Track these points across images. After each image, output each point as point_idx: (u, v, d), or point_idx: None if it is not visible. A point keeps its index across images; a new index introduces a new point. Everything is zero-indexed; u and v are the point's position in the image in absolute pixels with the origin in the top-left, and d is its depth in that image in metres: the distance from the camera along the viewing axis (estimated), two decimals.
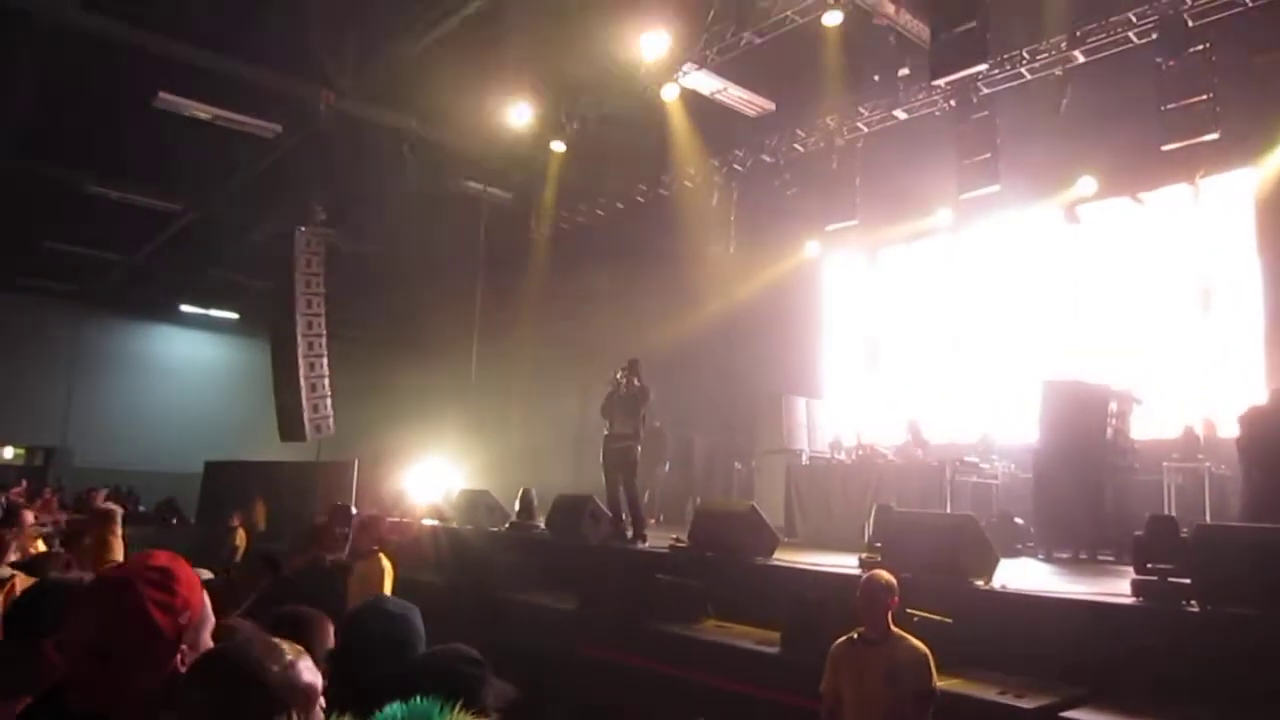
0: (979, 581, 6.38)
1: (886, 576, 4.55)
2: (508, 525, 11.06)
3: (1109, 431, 9.32)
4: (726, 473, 14.80)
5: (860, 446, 12.01)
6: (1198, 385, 11.38)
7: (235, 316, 23.79)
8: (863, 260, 15.45)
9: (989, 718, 4.97)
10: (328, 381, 16.55)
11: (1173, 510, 8.91)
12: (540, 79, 13.35)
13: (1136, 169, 11.61)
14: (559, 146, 14.15)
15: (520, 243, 16.51)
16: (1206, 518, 8.79)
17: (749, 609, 7.27)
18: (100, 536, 4.17)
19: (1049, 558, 9.08)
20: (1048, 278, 13.19)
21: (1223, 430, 9.89)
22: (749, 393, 15.16)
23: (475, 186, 15.87)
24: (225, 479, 16.44)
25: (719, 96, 12.67)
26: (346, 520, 2.69)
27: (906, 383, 14.33)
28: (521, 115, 13.63)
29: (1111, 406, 9.41)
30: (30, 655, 2.14)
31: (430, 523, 11.47)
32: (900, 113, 12.38)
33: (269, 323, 17.69)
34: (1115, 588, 6.18)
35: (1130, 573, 5.85)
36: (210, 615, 1.79)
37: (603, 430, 9.66)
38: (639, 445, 9.48)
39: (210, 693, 1.49)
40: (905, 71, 11.89)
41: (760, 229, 14.77)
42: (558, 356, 16.97)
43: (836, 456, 12.40)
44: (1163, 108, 9.46)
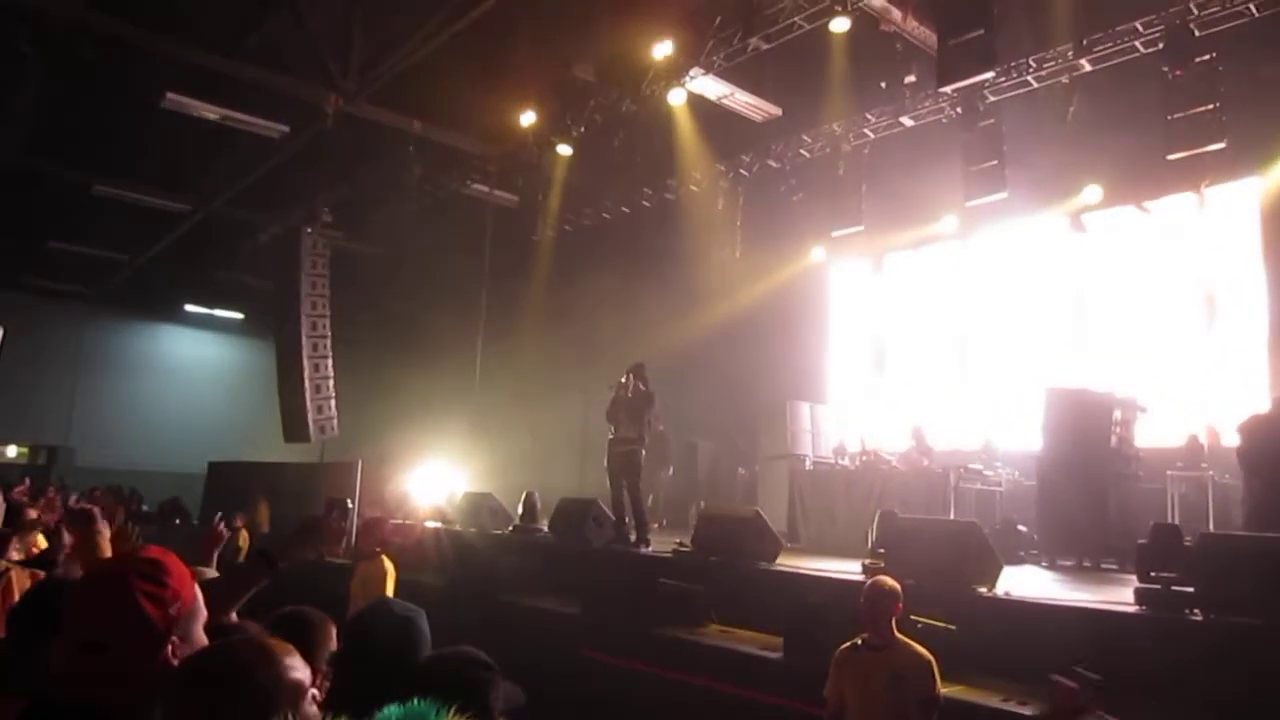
0: (982, 588, 6.38)
1: (891, 582, 4.55)
2: (511, 528, 11.05)
3: (1113, 439, 9.32)
4: (730, 477, 14.80)
5: (864, 452, 12.01)
6: (1202, 393, 11.37)
7: (240, 317, 23.82)
8: (868, 266, 15.45)
9: None
10: (332, 382, 16.58)
11: (1176, 519, 8.89)
12: (546, 83, 13.38)
13: (1142, 177, 11.61)
14: (565, 150, 14.16)
15: (525, 246, 16.51)
16: (1210, 526, 8.79)
17: (752, 614, 7.27)
18: (85, 539, 4.12)
19: (1052, 565, 9.07)
20: (1053, 285, 13.18)
21: (1227, 439, 9.86)
22: (753, 398, 15.15)
23: (481, 189, 15.88)
24: (229, 479, 16.45)
25: (725, 102, 12.68)
26: (344, 514, 2.70)
27: (911, 389, 14.32)
28: (527, 119, 13.65)
29: (1115, 414, 9.40)
30: (32, 654, 2.15)
31: (433, 525, 11.47)
32: (907, 119, 12.40)
33: (274, 323, 17.72)
34: (1119, 596, 6.18)
35: (1134, 581, 5.85)
36: (202, 608, 1.81)
37: (607, 434, 9.67)
38: (644, 449, 9.49)
39: (199, 694, 1.50)
40: (912, 78, 11.90)
41: (766, 234, 14.78)
42: (562, 360, 16.99)
43: (840, 462, 12.39)
44: (1169, 117, 9.47)
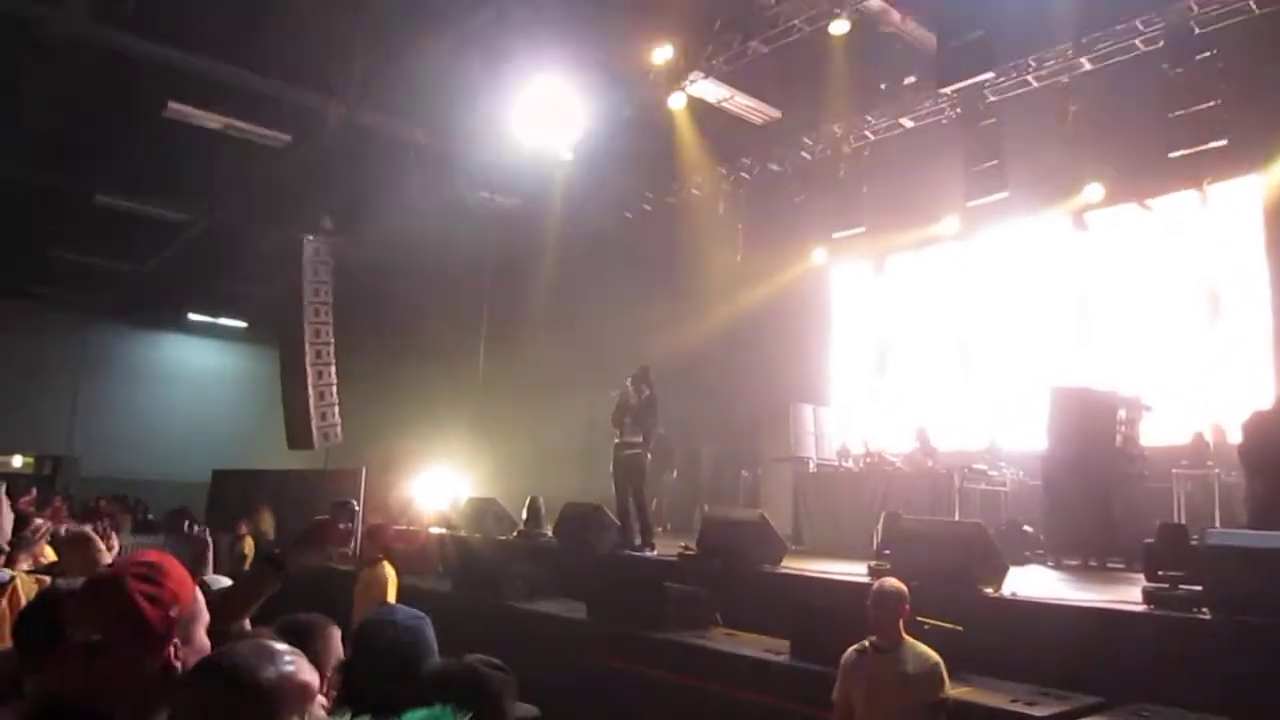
0: (988, 589, 6.36)
1: (897, 584, 4.54)
2: (515, 533, 11.05)
3: (1118, 438, 9.30)
4: (734, 480, 14.77)
5: (868, 454, 11.99)
6: (1207, 391, 11.33)
7: (243, 325, 23.86)
8: (870, 268, 15.42)
9: None
10: (335, 389, 16.61)
11: (1183, 518, 8.87)
12: (548, 88, 13.39)
13: (1144, 175, 11.57)
14: (567, 155, 14.18)
15: (528, 251, 16.55)
16: (1217, 525, 8.75)
17: (757, 617, 7.26)
18: (84, 560, 4.11)
19: (1058, 565, 9.05)
20: (1055, 284, 13.14)
21: (1232, 437, 9.81)
22: (756, 400, 15.13)
23: (483, 195, 15.91)
24: (233, 487, 16.46)
25: (726, 105, 12.70)
26: (350, 515, 2.70)
27: (914, 390, 14.29)
28: (530, 124, 13.67)
29: (1120, 413, 9.39)
30: (35, 660, 2.15)
31: (438, 531, 11.47)
32: (907, 120, 12.42)
33: (277, 331, 17.75)
34: (1126, 595, 6.16)
35: (1141, 580, 5.83)
36: (204, 611, 1.81)
37: (612, 438, 9.67)
38: (649, 453, 9.48)
39: (208, 696, 1.51)
40: (912, 79, 11.92)
41: (767, 237, 14.78)
42: (565, 364, 16.97)
43: (844, 464, 12.37)
44: (1170, 114, 9.48)
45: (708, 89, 12.30)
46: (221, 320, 23.88)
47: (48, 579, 3.70)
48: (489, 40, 11.54)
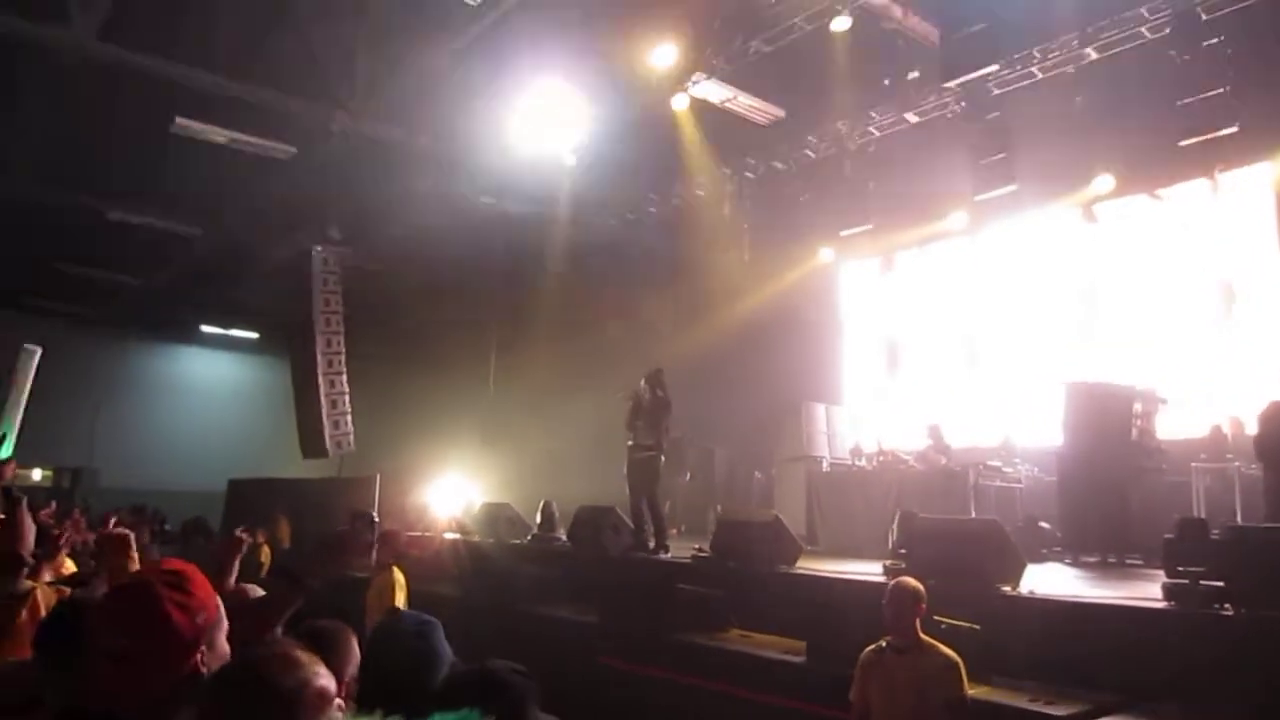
0: (1006, 587, 6.31)
1: (914, 584, 4.51)
2: (529, 538, 11.05)
3: (1134, 432, 9.23)
4: (747, 481, 14.74)
5: (881, 452, 11.94)
6: (1224, 383, 11.23)
7: (255, 336, 23.95)
8: (878, 265, 15.37)
9: None
10: (348, 398, 16.64)
11: (1202, 512, 8.77)
12: (550, 93, 13.39)
13: (1154, 165, 11.48)
14: (570, 159, 14.19)
15: (535, 256, 16.55)
16: (1238, 518, 8.65)
17: (773, 618, 7.23)
18: (118, 563, 4.16)
19: (1076, 562, 8.99)
20: (1066, 278, 13.06)
21: (1251, 429, 9.73)
22: (768, 401, 15.10)
23: (489, 201, 15.92)
24: (249, 497, 16.52)
25: (729, 105, 12.67)
26: (370, 527, 2.69)
27: (926, 387, 14.23)
28: (533, 129, 13.67)
29: (1136, 407, 9.31)
30: (58, 670, 2.16)
31: (452, 536, 11.48)
32: (911, 116, 12.36)
33: (289, 341, 17.80)
34: (1146, 592, 6.10)
35: (1160, 576, 5.75)
36: (224, 618, 1.83)
37: (624, 441, 9.65)
38: (662, 456, 9.46)
39: (228, 703, 1.53)
40: (915, 74, 11.86)
41: (774, 236, 14.75)
42: (575, 368, 16.97)
43: (857, 463, 12.32)
44: (1179, 102, 9.39)
45: (710, 89, 12.26)
46: (234, 332, 24.00)
47: (67, 590, 3.72)
48: (491, 46, 11.53)
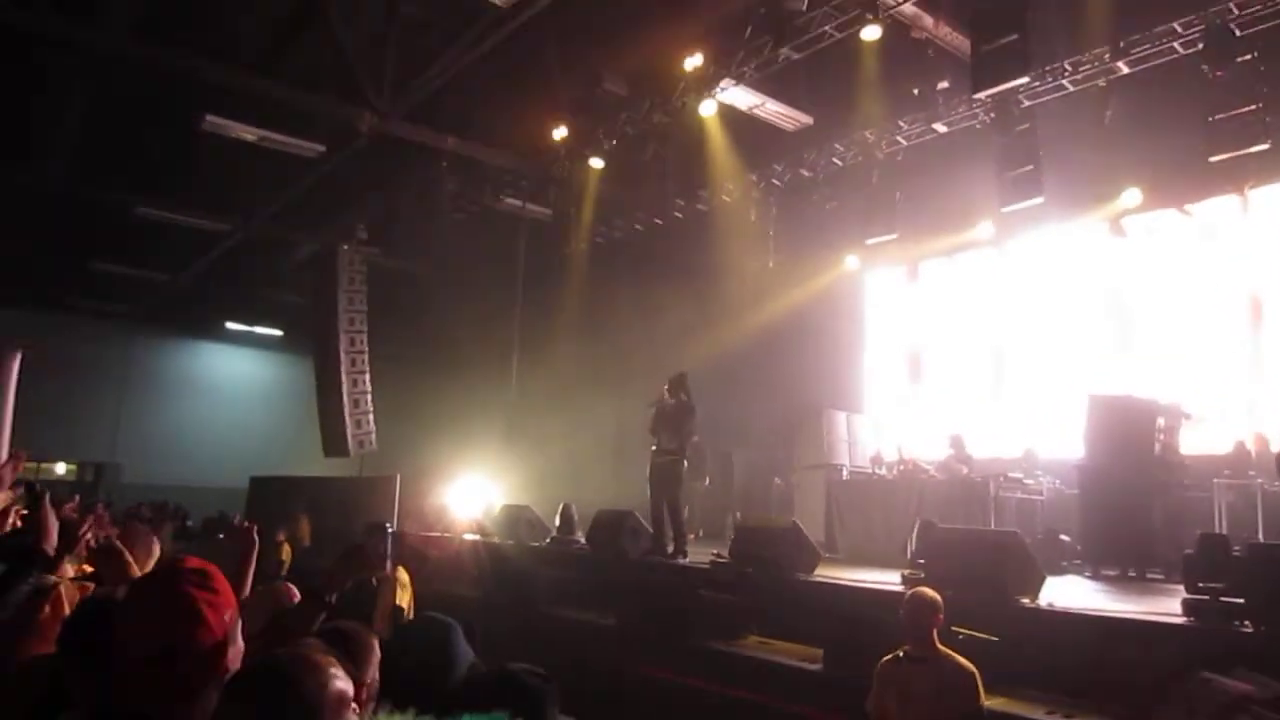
0: (1025, 599, 6.29)
1: (931, 594, 4.51)
2: (548, 540, 11.07)
3: (1157, 447, 9.15)
4: (766, 488, 14.72)
5: (902, 461, 11.89)
6: (1249, 400, 11.13)
7: (279, 334, 24.13)
8: (903, 274, 15.33)
9: None
10: (370, 397, 16.76)
11: (1224, 528, 8.70)
12: (578, 96, 13.46)
13: (1183, 180, 11.40)
14: (597, 163, 14.24)
15: (559, 259, 16.62)
16: (1260, 536, 8.58)
17: (791, 625, 7.23)
18: (117, 571, 4.18)
19: (1096, 575, 8.92)
20: (1092, 291, 12.98)
21: (1275, 445, 9.66)
22: (789, 407, 15.08)
23: (514, 203, 16.00)
24: (270, 494, 16.65)
25: (757, 112, 12.67)
26: (384, 538, 2.73)
27: (948, 397, 14.17)
28: (559, 132, 13.74)
29: (1159, 422, 9.24)
30: (86, 669, 2.17)
31: (471, 538, 11.53)
32: (940, 126, 12.33)
33: (312, 340, 17.95)
34: (1165, 607, 6.06)
35: (1180, 591, 5.73)
36: (238, 615, 1.83)
37: (644, 445, 9.67)
38: (685, 460, 9.46)
39: (250, 706, 1.53)
40: (945, 84, 11.83)
41: (799, 243, 14.74)
42: (597, 371, 17.02)
43: (878, 472, 12.28)
44: (1210, 118, 9.32)
45: (739, 96, 12.28)
46: (258, 329, 24.19)
47: (91, 586, 3.76)
48: (519, 48, 11.61)
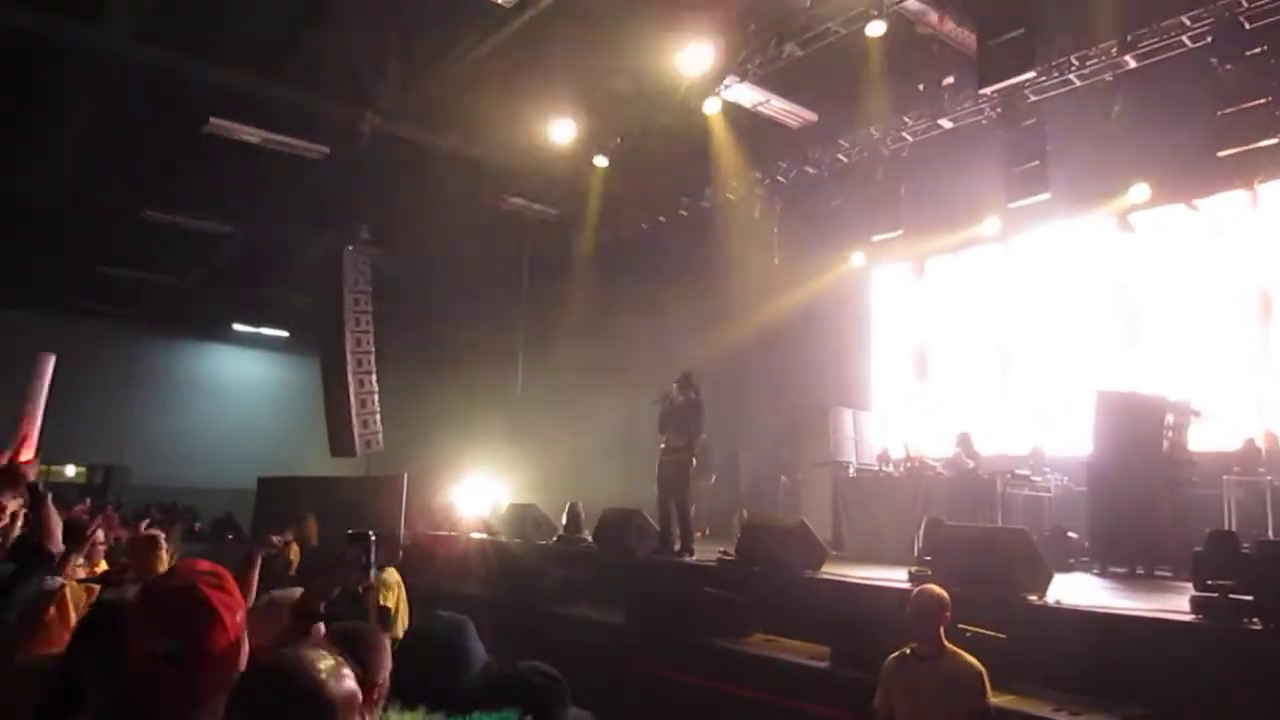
0: (1032, 596, 6.27)
1: (938, 591, 4.48)
2: (555, 539, 11.09)
3: (1165, 444, 9.11)
4: (772, 486, 14.71)
5: (909, 459, 11.86)
6: (1258, 396, 11.08)
7: (285, 334, 24.18)
8: (909, 271, 15.29)
9: None
10: (376, 397, 16.77)
11: (1233, 525, 8.67)
12: (582, 95, 13.44)
13: (1191, 175, 11.32)
14: (601, 161, 14.23)
15: (564, 258, 16.61)
16: (1269, 533, 8.54)
17: (797, 623, 7.21)
18: (148, 562, 4.20)
19: (1104, 573, 8.88)
20: (1099, 287, 12.93)
21: None
22: (795, 405, 15.06)
23: (519, 203, 16.00)
24: (278, 494, 16.67)
25: (761, 109, 12.65)
26: (367, 547, 2.68)
27: (955, 394, 14.13)
28: (564, 131, 13.73)
29: (1168, 418, 9.19)
30: (98, 672, 2.16)
31: (478, 536, 11.54)
32: (945, 122, 12.28)
33: (318, 340, 17.97)
34: (1174, 604, 6.03)
35: (1189, 589, 5.70)
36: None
37: (650, 444, 9.67)
38: (693, 458, 9.45)
39: (262, 706, 1.52)
40: (950, 80, 11.79)
41: (804, 240, 14.71)
42: (603, 370, 17.01)
43: (885, 469, 12.25)
44: (1219, 112, 9.25)
45: (743, 93, 12.26)
46: (265, 330, 24.24)
47: (97, 588, 3.75)
48: (523, 47, 11.59)
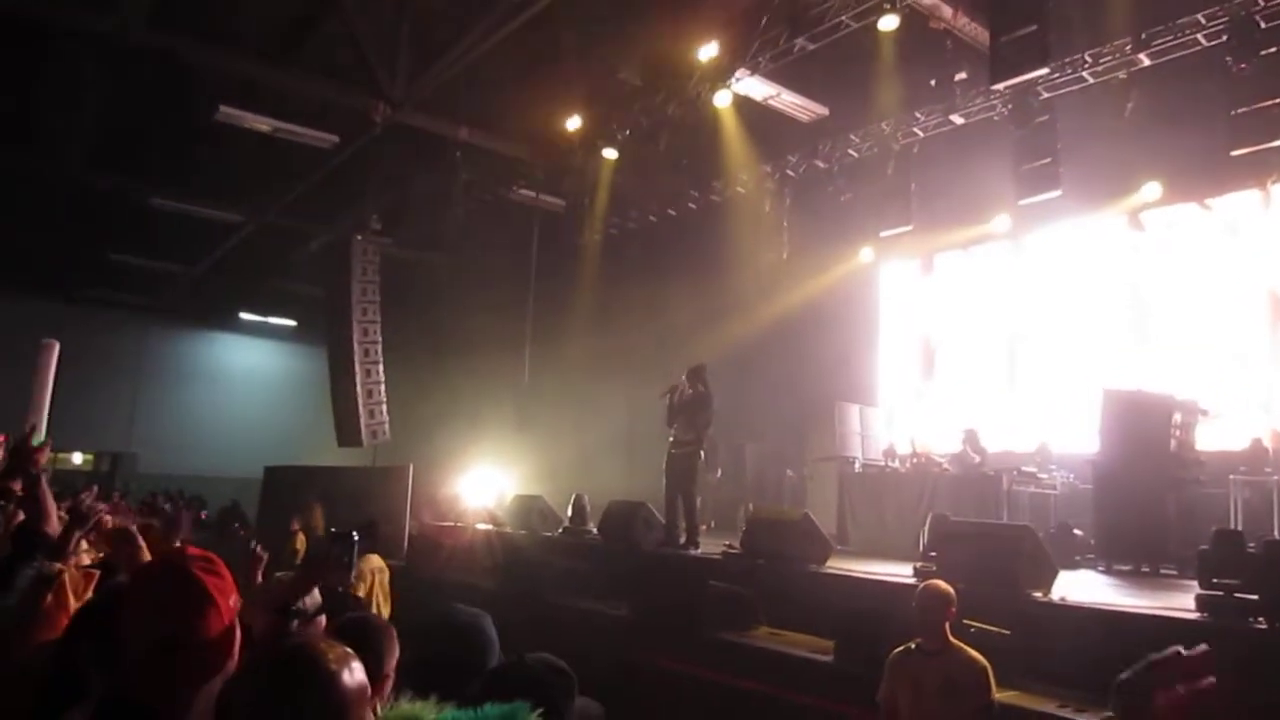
0: (1037, 593, 6.27)
1: (944, 587, 4.49)
2: (560, 530, 11.10)
3: (1172, 443, 9.09)
4: (778, 480, 14.70)
5: (915, 455, 11.85)
6: (1266, 396, 11.04)
7: (293, 324, 24.21)
8: (918, 267, 15.26)
9: None
10: (383, 388, 16.78)
11: (1239, 524, 8.66)
12: (592, 86, 13.43)
13: (1204, 174, 11.27)
14: (611, 153, 14.21)
15: (572, 249, 16.60)
16: (1275, 532, 8.52)
17: (802, 617, 7.22)
18: (130, 556, 4.19)
19: (1109, 570, 8.88)
20: (1109, 285, 12.89)
21: None
22: (802, 399, 15.05)
23: (527, 194, 16.00)
24: (285, 483, 16.70)
25: (772, 102, 12.62)
26: (348, 549, 2.68)
27: (962, 391, 14.11)
28: (573, 123, 13.71)
29: (1175, 417, 9.17)
30: (96, 659, 2.15)
31: (484, 528, 11.56)
32: (957, 117, 12.24)
33: (326, 330, 18.00)
34: (1179, 602, 6.04)
35: (1194, 587, 5.70)
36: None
37: (661, 436, 9.68)
38: (701, 452, 9.45)
39: (270, 699, 1.52)
40: (962, 75, 11.74)
41: (814, 235, 14.68)
42: (610, 362, 17.02)
43: (890, 465, 12.25)
44: (1233, 112, 9.21)
45: (754, 86, 12.22)
46: (272, 320, 24.28)
47: (97, 574, 3.75)
48: (533, 38, 11.58)
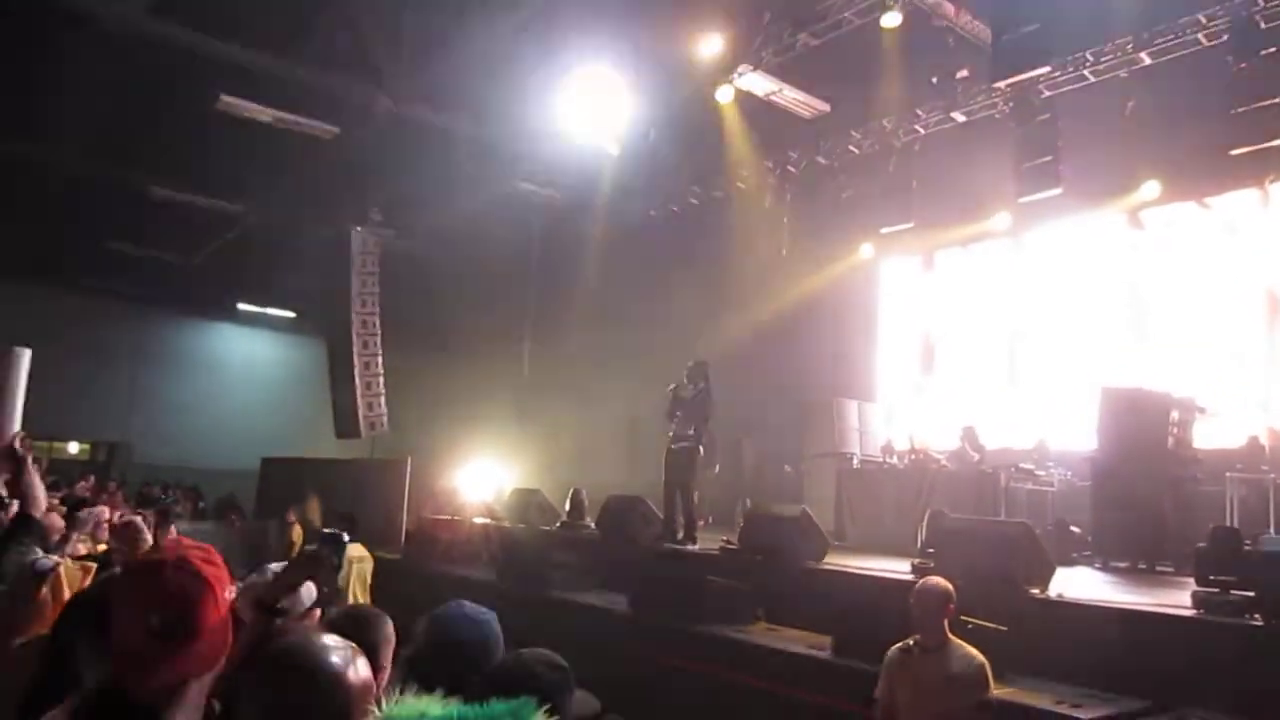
0: (1034, 590, 6.29)
1: (943, 584, 4.50)
2: (558, 525, 11.11)
3: (1170, 440, 9.12)
4: (776, 476, 14.70)
5: (913, 451, 11.87)
6: (1263, 394, 11.07)
7: (292, 315, 24.15)
8: (918, 263, 15.26)
9: None
10: (382, 380, 16.79)
11: (1236, 522, 8.66)
12: (594, 80, 13.42)
13: (1203, 173, 11.27)
14: (613, 148, 14.20)
15: (573, 243, 16.60)
16: (1271, 530, 8.55)
17: (799, 613, 7.23)
18: (133, 547, 4.22)
19: (1106, 567, 8.90)
20: (1108, 283, 12.90)
21: None
22: (800, 395, 15.06)
23: (529, 187, 15.99)
24: (282, 475, 16.71)
25: (774, 98, 12.62)
26: (339, 548, 2.67)
27: (961, 387, 14.13)
28: (577, 116, 13.70)
29: (1173, 415, 9.20)
30: (91, 650, 2.15)
31: (482, 521, 11.58)
32: (958, 115, 12.25)
33: (325, 321, 17.99)
34: (1175, 599, 6.06)
35: (1191, 584, 5.73)
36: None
37: (660, 431, 9.69)
38: (700, 448, 9.46)
39: (275, 693, 1.52)
40: (964, 73, 11.75)
41: (814, 231, 14.69)
42: (609, 357, 17.03)
43: (889, 461, 12.27)
44: (1232, 111, 9.23)
45: (756, 82, 12.23)
46: (271, 311, 24.20)
47: (93, 567, 3.75)
48: (536, 31, 11.57)
